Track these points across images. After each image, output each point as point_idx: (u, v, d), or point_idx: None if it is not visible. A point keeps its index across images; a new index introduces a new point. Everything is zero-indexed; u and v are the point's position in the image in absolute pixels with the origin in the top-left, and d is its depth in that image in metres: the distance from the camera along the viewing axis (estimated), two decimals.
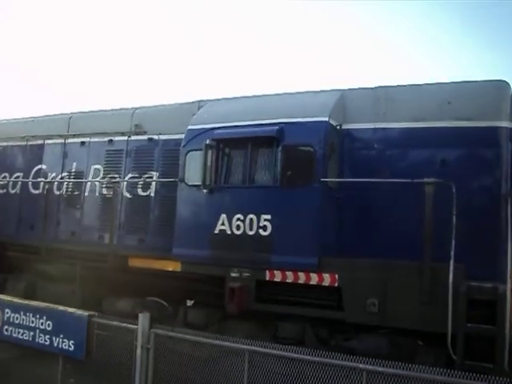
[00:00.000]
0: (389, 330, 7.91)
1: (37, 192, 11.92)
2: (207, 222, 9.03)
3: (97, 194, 11.06)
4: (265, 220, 8.55)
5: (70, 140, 11.68)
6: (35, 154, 12.17)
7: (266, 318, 8.72)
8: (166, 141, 10.45)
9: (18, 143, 12.50)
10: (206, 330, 8.59)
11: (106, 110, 11.57)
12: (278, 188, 8.52)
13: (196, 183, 9.19)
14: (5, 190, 12.48)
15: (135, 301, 9.87)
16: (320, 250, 8.20)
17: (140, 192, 10.51)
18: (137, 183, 10.52)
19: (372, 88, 8.94)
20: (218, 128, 9.12)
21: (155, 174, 10.43)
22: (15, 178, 12.27)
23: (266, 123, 8.76)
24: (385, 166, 8.56)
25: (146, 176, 10.51)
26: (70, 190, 11.42)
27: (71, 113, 11.98)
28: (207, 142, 8.92)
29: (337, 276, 8.07)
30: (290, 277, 8.37)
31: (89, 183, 11.14)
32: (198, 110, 10.14)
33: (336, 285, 8.08)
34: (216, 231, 8.93)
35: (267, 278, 8.53)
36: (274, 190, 8.57)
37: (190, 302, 10.27)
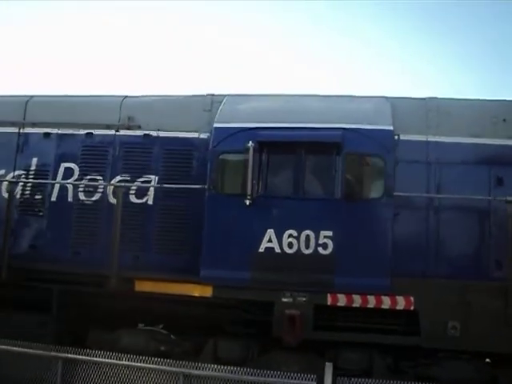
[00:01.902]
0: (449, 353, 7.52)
1: None
2: (248, 238, 7.75)
3: (69, 200, 8.91)
4: (325, 237, 7.57)
5: (28, 130, 9.28)
6: None
7: (316, 347, 7.74)
8: (167, 139, 8.78)
9: None
10: (245, 365, 7.37)
11: (81, 96, 9.44)
12: (342, 201, 7.61)
13: (234, 192, 7.87)
14: None
15: (146, 334, 8.11)
16: (391, 271, 7.48)
17: (133, 199, 8.67)
18: (129, 188, 8.70)
19: (423, 99, 8.45)
20: (262, 128, 7.89)
21: (154, 178, 8.72)
22: None
23: (325, 127, 7.80)
24: (437, 180, 8.13)
25: (141, 180, 8.75)
26: (27, 192, 9.06)
27: (29, 95, 9.55)
28: (250, 144, 7.66)
29: (412, 298, 7.43)
30: (357, 301, 7.51)
31: (56, 186, 8.96)
32: (212, 105, 8.75)
33: (412, 308, 7.44)
34: (261, 249, 7.69)
35: (329, 303, 7.56)
36: (337, 203, 7.63)
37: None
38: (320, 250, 7.56)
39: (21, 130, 9.30)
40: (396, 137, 8.01)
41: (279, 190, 7.85)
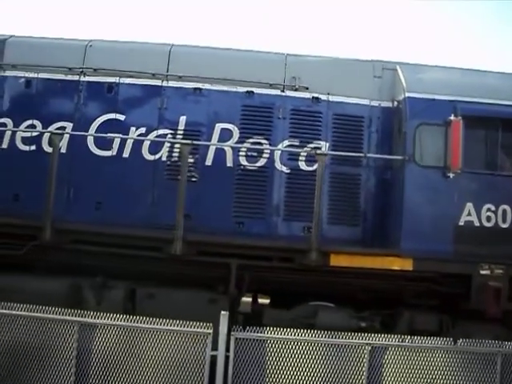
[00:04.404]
0: None
1: (105, 153, 8.04)
2: (449, 211, 7.73)
3: (229, 165, 8.12)
4: None
5: (172, 83, 8.17)
6: (100, 96, 8.12)
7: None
8: (337, 104, 8.31)
9: (62, 77, 8.11)
10: (440, 336, 7.53)
11: (232, 49, 8.44)
12: None
13: (434, 164, 7.76)
14: (33, 147, 8.01)
15: (344, 311, 7.80)
16: None
17: (303, 166, 8.17)
18: (298, 154, 8.15)
19: None
20: (463, 102, 7.82)
21: (324, 145, 8.25)
22: (57, 129, 7.94)
23: None
24: None
25: (311, 146, 8.22)
26: (175, 155, 8.04)
27: (170, 44, 8.32)
28: (456, 117, 7.60)
29: None
30: None
31: (212, 148, 8.07)
32: (382, 71, 8.44)
33: None
34: (461, 223, 7.75)
35: None
36: None
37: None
38: None
39: (164, 84, 8.17)
40: None
41: (478, 165, 7.90)
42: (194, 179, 8.03)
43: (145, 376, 6.61)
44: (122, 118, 8.08)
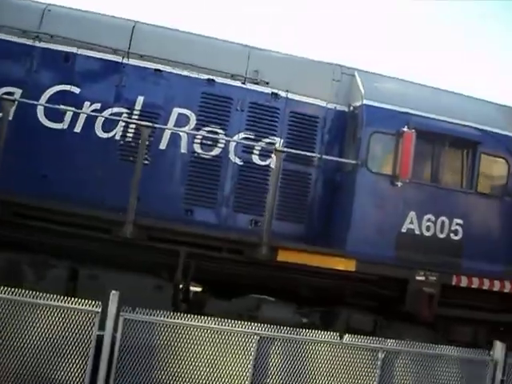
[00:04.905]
0: None
1: (55, 126, 7.68)
2: (394, 218, 8.05)
3: (182, 151, 7.99)
4: (457, 224, 8.28)
5: (133, 62, 7.91)
6: (55, 65, 7.71)
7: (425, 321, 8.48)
8: (295, 102, 8.42)
9: (14, 39, 7.61)
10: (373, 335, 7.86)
11: (199, 35, 8.25)
12: (473, 194, 8.37)
13: (384, 172, 8.03)
14: None
15: (288, 306, 7.88)
16: (507, 260, 8.53)
17: (256, 160, 8.22)
18: (253, 147, 8.18)
19: None
20: (416, 115, 8.14)
21: (279, 141, 8.31)
22: (4, 94, 7.44)
23: (468, 125, 8.36)
24: None
25: (266, 141, 8.26)
26: (130, 135, 7.83)
27: (134, 21, 8.02)
28: (410, 130, 7.92)
29: None
30: (475, 282, 8.40)
31: (167, 132, 7.91)
32: (341, 76, 8.62)
33: None
34: (403, 230, 8.08)
35: (453, 283, 8.32)
36: (469, 195, 8.36)
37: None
38: (452, 235, 8.25)
39: (124, 61, 7.90)
40: None
41: (424, 177, 8.26)
42: (146, 162, 7.82)
43: (28, 353, 6.05)
44: (76, 90, 7.74)
